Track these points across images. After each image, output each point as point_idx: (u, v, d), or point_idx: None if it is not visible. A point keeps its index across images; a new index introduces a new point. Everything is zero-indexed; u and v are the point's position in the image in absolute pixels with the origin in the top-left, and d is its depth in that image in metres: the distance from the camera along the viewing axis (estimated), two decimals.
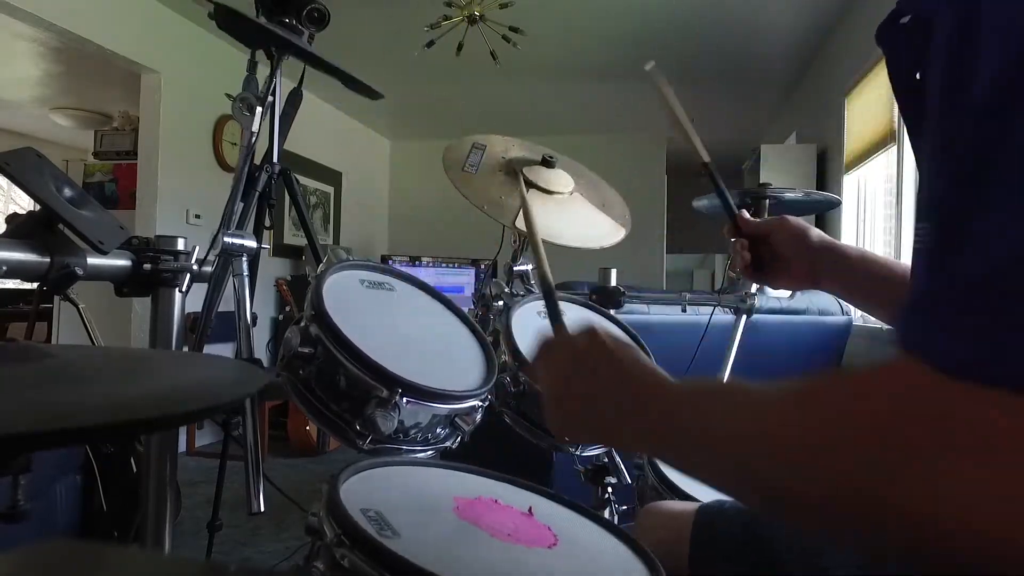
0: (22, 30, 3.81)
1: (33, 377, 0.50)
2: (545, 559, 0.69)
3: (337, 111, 5.64)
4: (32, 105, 5.65)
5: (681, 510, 0.83)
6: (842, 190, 3.45)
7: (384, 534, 0.62)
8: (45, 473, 1.84)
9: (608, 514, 1.30)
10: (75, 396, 0.47)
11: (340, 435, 0.87)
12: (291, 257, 5.12)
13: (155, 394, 0.53)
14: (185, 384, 0.58)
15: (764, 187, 1.66)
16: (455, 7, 3.49)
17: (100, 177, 4.69)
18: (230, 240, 1.15)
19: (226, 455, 1.59)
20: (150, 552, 0.82)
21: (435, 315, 1.09)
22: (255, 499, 1.00)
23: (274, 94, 1.41)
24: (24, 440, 0.38)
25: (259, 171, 1.42)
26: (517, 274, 1.49)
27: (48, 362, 0.53)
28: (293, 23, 1.35)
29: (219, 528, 1.59)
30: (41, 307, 4.58)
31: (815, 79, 4.40)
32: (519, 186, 0.86)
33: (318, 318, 0.86)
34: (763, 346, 2.45)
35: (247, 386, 0.56)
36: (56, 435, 0.38)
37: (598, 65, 4.67)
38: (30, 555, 0.21)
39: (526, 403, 1.09)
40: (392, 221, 6.99)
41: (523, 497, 0.84)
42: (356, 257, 1.04)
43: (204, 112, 4.19)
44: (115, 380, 0.55)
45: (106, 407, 0.46)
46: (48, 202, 0.75)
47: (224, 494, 1.62)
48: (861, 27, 3.41)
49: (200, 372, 0.63)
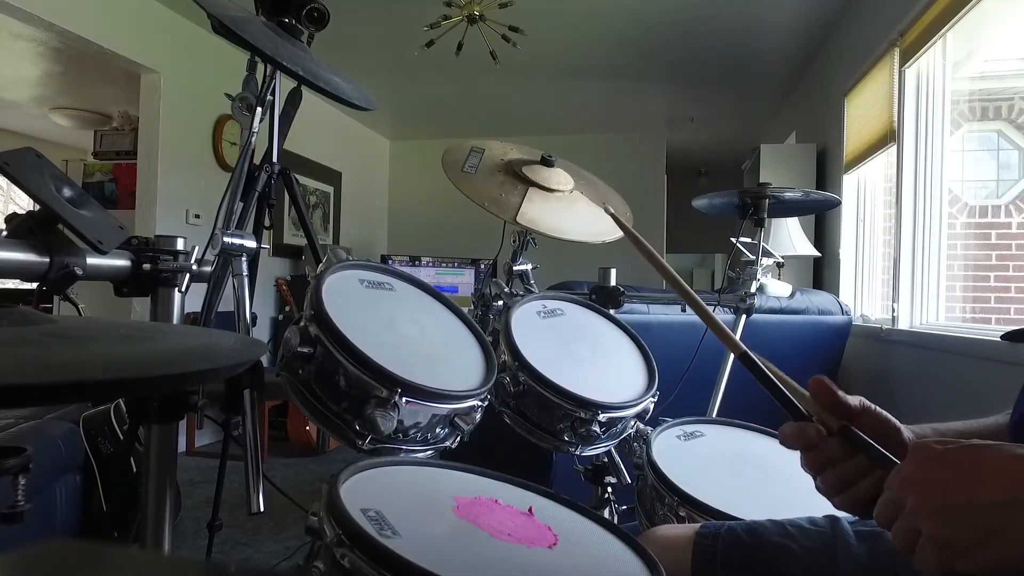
0: (22, 30, 3.81)
1: (35, 337, 0.49)
2: (545, 559, 0.69)
3: (337, 111, 5.64)
4: (32, 105, 5.65)
5: (679, 534, 0.82)
6: (842, 190, 3.45)
7: (384, 534, 0.62)
8: (45, 473, 1.84)
9: (608, 514, 1.30)
10: (74, 354, 0.47)
11: (340, 435, 0.87)
12: (291, 257, 5.12)
13: (157, 355, 0.52)
14: (187, 347, 0.57)
15: (764, 187, 1.66)
16: (455, 7, 3.49)
17: (100, 177, 4.69)
18: (229, 240, 1.15)
19: (226, 455, 1.59)
20: (150, 552, 0.82)
21: (435, 315, 1.09)
22: (255, 499, 1.00)
23: (274, 94, 1.41)
24: (27, 392, 0.38)
25: (259, 171, 1.42)
26: (517, 274, 1.49)
27: (49, 327, 0.53)
28: (293, 23, 1.35)
29: (219, 528, 1.59)
30: (41, 307, 4.57)
31: (815, 79, 4.40)
32: (628, 230, 0.77)
33: (318, 318, 0.86)
34: (763, 346, 2.44)
35: (247, 353, 0.55)
36: (55, 389, 0.38)
37: (598, 65, 4.67)
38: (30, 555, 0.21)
39: (526, 403, 1.09)
40: (392, 221, 6.99)
41: (523, 497, 0.83)
42: (356, 257, 1.04)
43: (204, 112, 4.18)
44: (116, 343, 0.55)
45: (107, 365, 0.46)
46: (48, 202, 0.75)
47: (224, 494, 1.62)
48: (861, 27, 3.41)
49: (202, 340, 0.63)
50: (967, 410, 0.77)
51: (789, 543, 0.73)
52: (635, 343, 1.29)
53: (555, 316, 1.26)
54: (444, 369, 0.97)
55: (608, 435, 1.11)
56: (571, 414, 1.05)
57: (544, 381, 1.05)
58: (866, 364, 2.87)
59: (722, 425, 1.26)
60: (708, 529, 0.81)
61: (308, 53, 1.34)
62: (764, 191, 1.65)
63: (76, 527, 2.00)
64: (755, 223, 1.68)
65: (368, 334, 0.89)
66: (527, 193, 1.41)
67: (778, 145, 4.67)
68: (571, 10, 3.79)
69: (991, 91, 2.94)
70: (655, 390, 1.16)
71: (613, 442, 1.15)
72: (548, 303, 1.28)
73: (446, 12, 3.51)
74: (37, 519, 1.82)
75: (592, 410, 1.05)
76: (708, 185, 7.51)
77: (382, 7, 3.77)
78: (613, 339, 1.29)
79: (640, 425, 1.15)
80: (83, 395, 0.45)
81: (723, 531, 0.79)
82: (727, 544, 0.77)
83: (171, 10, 3.87)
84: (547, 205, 1.41)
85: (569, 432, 1.07)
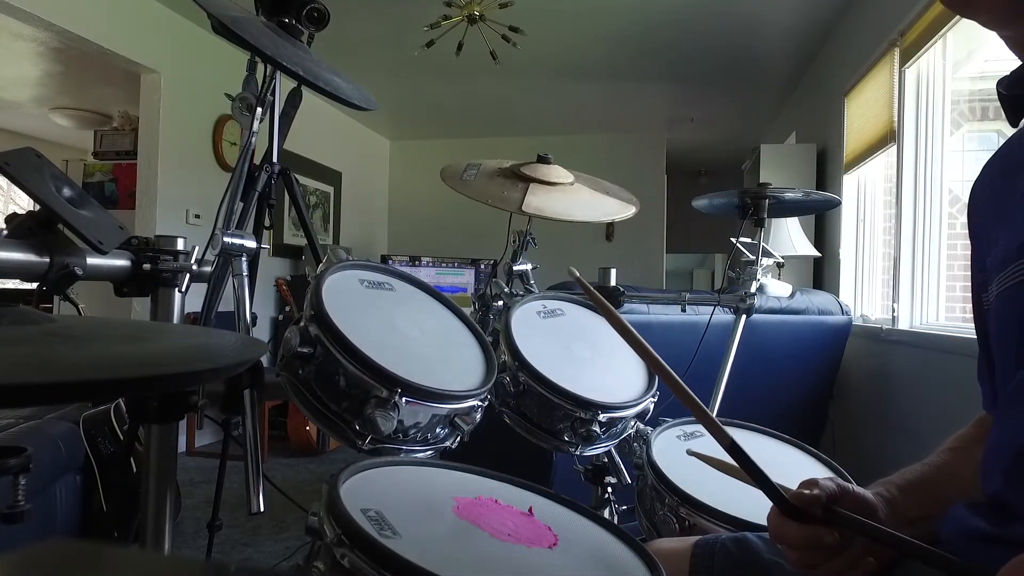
0: (22, 30, 3.81)
1: (35, 337, 0.49)
2: (545, 559, 0.69)
3: (337, 111, 5.64)
4: (32, 105, 5.65)
5: (676, 547, 0.82)
6: (842, 190, 3.45)
7: (384, 534, 0.62)
8: (45, 473, 1.84)
9: (608, 514, 1.30)
10: (75, 354, 0.47)
11: (340, 435, 0.87)
12: (291, 257, 5.12)
13: (157, 355, 0.52)
14: (187, 347, 0.57)
15: (764, 187, 1.66)
16: (455, 7, 3.49)
17: (100, 177, 4.69)
18: (230, 240, 1.15)
19: (226, 455, 1.59)
20: (150, 552, 0.82)
21: (435, 315, 1.09)
22: (255, 499, 1.00)
23: (274, 94, 1.41)
24: (27, 392, 0.38)
25: (259, 171, 1.42)
26: (517, 274, 1.49)
27: (49, 326, 0.53)
28: (293, 23, 1.35)
29: (219, 528, 1.59)
30: (41, 307, 4.57)
31: (815, 79, 4.40)
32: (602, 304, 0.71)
33: (318, 318, 0.86)
34: (763, 346, 2.45)
35: (247, 353, 0.55)
36: (55, 389, 0.38)
37: (598, 65, 4.67)
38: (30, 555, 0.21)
39: (526, 403, 1.09)
40: (392, 221, 6.99)
41: (523, 497, 0.83)
42: (356, 257, 1.04)
43: (204, 112, 4.18)
44: (116, 343, 0.55)
45: (107, 365, 0.45)
46: (48, 202, 0.75)
47: (224, 494, 1.62)
48: (861, 27, 3.41)
49: (202, 340, 0.62)
50: (967, 410, 0.77)
51: (780, 560, 0.73)
52: None
53: (555, 316, 1.26)
54: (444, 369, 0.97)
55: (608, 435, 1.11)
56: (571, 414, 1.05)
57: (544, 381, 1.05)
58: (866, 364, 2.87)
59: (722, 425, 1.26)
60: (706, 540, 0.81)
61: (308, 53, 1.34)
62: (764, 191, 1.65)
63: (76, 527, 2.00)
64: (755, 223, 1.68)
65: (368, 334, 0.89)
66: (529, 188, 1.42)
67: (778, 145, 4.67)
68: (571, 10, 3.79)
69: (991, 91, 2.94)
70: (655, 390, 1.16)
71: (613, 442, 1.15)
72: (548, 303, 1.28)
73: (446, 12, 3.51)
74: (37, 519, 1.82)
75: (592, 410, 1.05)
76: (708, 185, 7.51)
77: (382, 7, 3.77)
78: (613, 339, 1.29)
79: (640, 425, 1.15)
80: (83, 395, 0.45)
81: (717, 548, 0.79)
82: (726, 552, 0.78)
83: (171, 10, 3.87)
84: (550, 196, 1.42)
85: (569, 432, 1.07)
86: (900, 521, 0.68)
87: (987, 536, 0.59)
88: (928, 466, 0.75)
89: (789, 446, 1.20)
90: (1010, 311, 0.60)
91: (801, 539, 0.63)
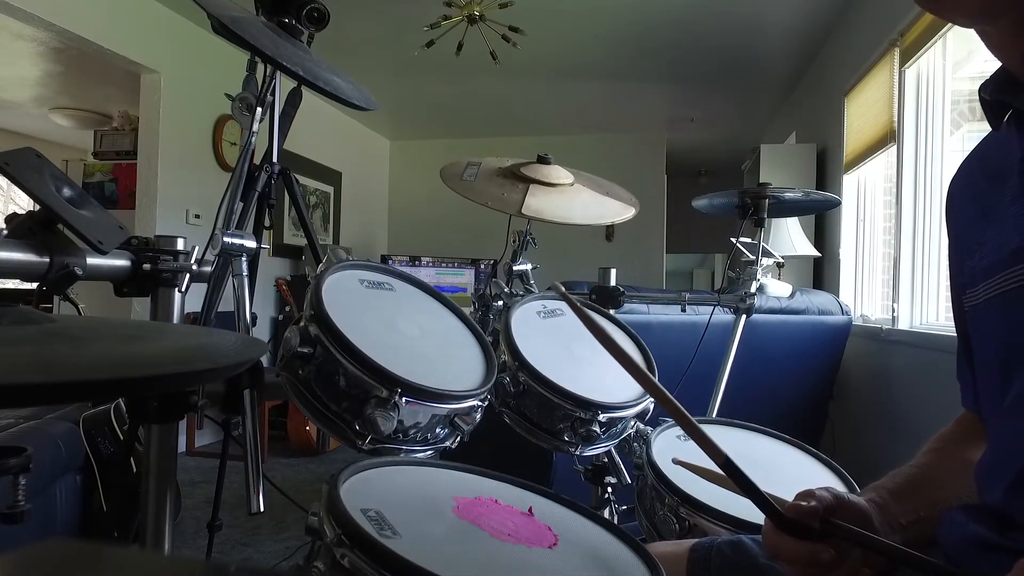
0: (22, 30, 3.81)
1: (35, 337, 0.49)
2: (545, 559, 0.69)
3: (337, 111, 5.64)
4: (32, 105, 5.65)
5: (672, 551, 0.82)
6: (842, 190, 3.45)
7: (384, 534, 0.62)
8: (45, 473, 1.84)
9: (608, 514, 1.30)
10: (75, 354, 0.47)
11: (340, 435, 0.87)
12: (291, 257, 5.12)
13: (157, 355, 0.52)
14: (187, 347, 0.57)
15: (764, 187, 1.66)
16: (455, 7, 3.49)
17: (100, 177, 4.69)
18: (229, 240, 1.15)
19: (226, 455, 1.59)
20: (150, 552, 0.82)
21: (435, 315, 1.09)
22: (255, 499, 1.00)
23: (274, 94, 1.41)
24: (27, 392, 0.37)
25: (259, 171, 1.42)
26: (517, 274, 1.50)
27: (49, 326, 0.53)
28: (293, 23, 1.35)
29: (219, 528, 1.59)
30: (41, 307, 4.58)
31: (815, 79, 4.40)
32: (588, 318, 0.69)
33: (318, 318, 0.86)
34: (763, 346, 2.45)
35: (247, 353, 0.55)
36: (55, 389, 0.38)
37: (598, 65, 4.67)
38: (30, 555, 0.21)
39: (526, 403, 1.09)
40: (392, 221, 6.99)
41: (523, 497, 0.83)
42: (356, 257, 1.04)
43: (204, 112, 4.18)
44: (116, 343, 0.55)
45: (107, 365, 0.45)
46: (48, 202, 0.75)
47: (224, 494, 1.62)
48: (861, 27, 3.41)
49: (202, 340, 0.62)
50: None
51: (776, 563, 0.73)
52: (635, 343, 1.29)
53: (555, 316, 1.26)
54: (444, 369, 0.97)
55: (608, 435, 1.11)
56: (571, 414, 1.05)
57: (544, 381, 1.05)
58: (866, 364, 2.86)
59: (722, 425, 1.26)
60: (702, 544, 0.81)
61: (308, 53, 1.34)
62: (764, 191, 1.65)
63: (76, 527, 2.00)
64: (755, 223, 1.68)
65: (368, 334, 0.89)
66: (529, 189, 1.42)
67: (778, 145, 4.67)
68: (571, 10, 3.79)
69: None
70: None
71: (613, 442, 1.15)
72: (548, 303, 1.28)
73: (446, 12, 3.51)
74: (37, 519, 1.82)
75: (592, 410, 1.05)
76: (708, 185, 7.50)
77: (382, 7, 3.77)
78: None
79: (640, 425, 1.15)
80: (83, 395, 0.45)
81: (714, 552, 0.79)
82: (722, 556, 0.78)
83: (171, 10, 3.87)
84: (550, 197, 1.43)
85: (569, 432, 1.07)
86: (894, 527, 0.68)
87: (989, 543, 0.59)
88: (916, 468, 0.75)
89: (789, 446, 1.20)
90: (1000, 317, 0.60)
91: (799, 556, 0.63)
